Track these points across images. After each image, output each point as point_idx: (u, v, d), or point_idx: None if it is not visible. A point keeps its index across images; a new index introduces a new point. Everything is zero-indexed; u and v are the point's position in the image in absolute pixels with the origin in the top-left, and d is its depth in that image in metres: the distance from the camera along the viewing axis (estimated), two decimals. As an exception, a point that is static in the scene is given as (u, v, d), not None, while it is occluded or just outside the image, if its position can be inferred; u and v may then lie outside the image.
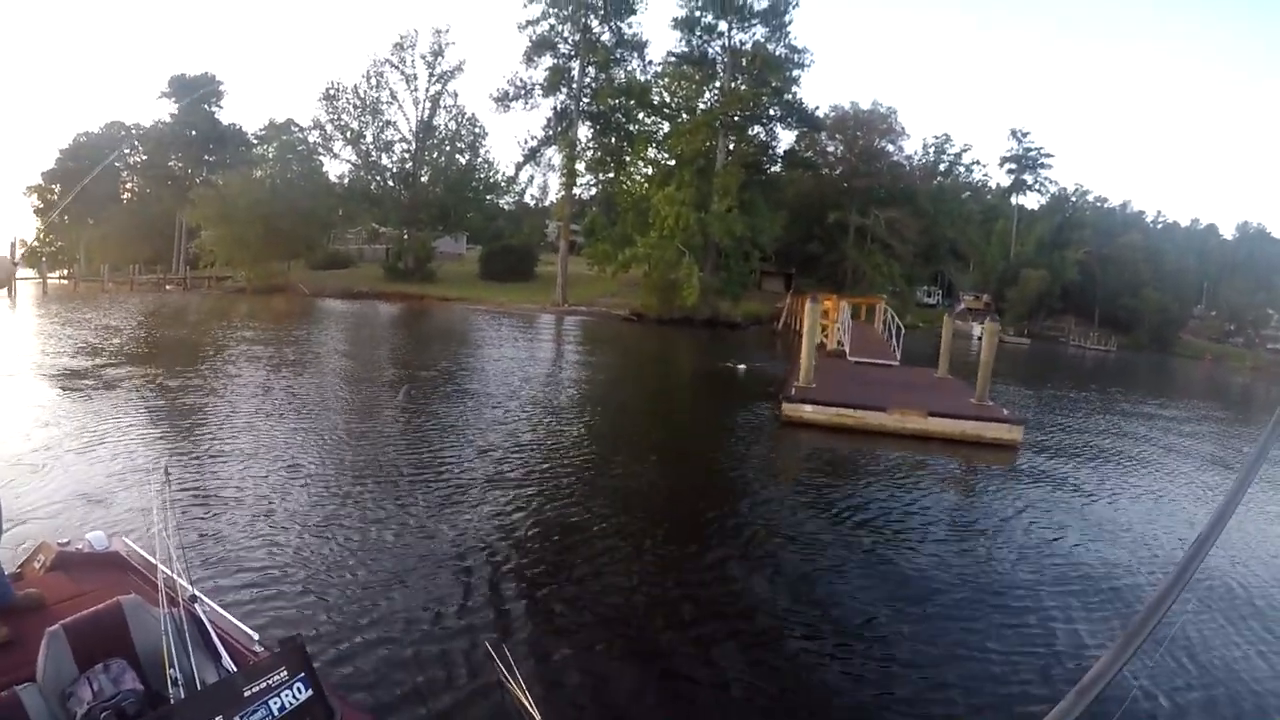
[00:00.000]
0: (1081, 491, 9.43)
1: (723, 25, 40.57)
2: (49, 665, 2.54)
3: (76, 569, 3.58)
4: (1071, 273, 55.47)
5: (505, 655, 2.47)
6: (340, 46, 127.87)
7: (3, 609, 3.06)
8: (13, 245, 41.16)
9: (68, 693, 2.51)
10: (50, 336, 21.33)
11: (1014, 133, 66.18)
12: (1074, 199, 69.66)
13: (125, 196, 50.75)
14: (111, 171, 49.80)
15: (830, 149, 48.31)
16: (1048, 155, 68.02)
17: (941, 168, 57.44)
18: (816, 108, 43.83)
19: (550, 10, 41.80)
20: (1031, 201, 67.53)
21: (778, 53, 40.31)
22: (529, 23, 42.34)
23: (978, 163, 69.98)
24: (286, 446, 9.58)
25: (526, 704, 2.18)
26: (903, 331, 22.25)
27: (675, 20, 40.97)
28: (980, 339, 41.61)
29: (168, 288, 43.43)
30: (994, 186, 66.21)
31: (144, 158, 49.72)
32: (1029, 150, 65.73)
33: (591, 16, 41.73)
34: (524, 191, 47.30)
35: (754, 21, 40.32)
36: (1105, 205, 72.53)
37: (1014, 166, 65.84)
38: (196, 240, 42.64)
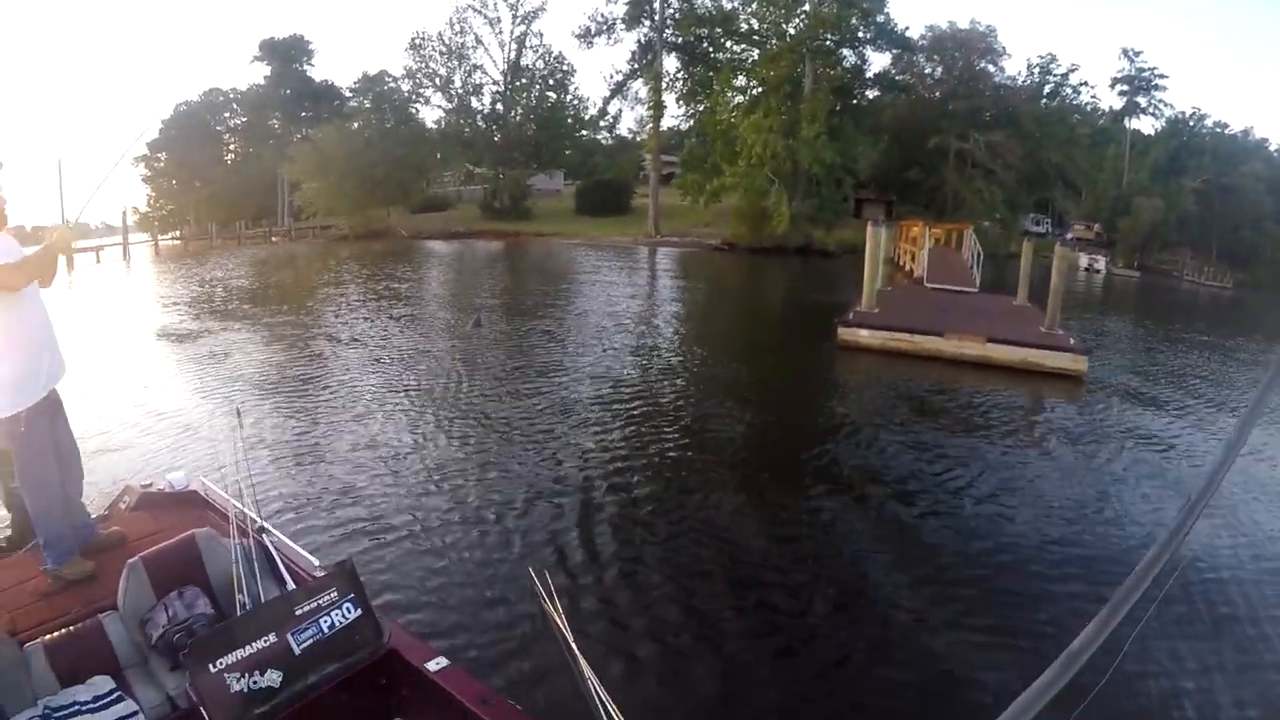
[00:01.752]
0: (1140, 434, 8.53)
1: None
2: (128, 594, 2.75)
3: (157, 507, 3.79)
4: (1187, 203, 51.19)
5: (548, 583, 2.50)
6: None
7: (89, 547, 3.30)
8: (124, 213, 44.00)
9: (145, 618, 2.70)
10: (156, 292, 22.72)
11: (1125, 52, 60.96)
12: (1191, 124, 63.92)
13: (229, 158, 53.25)
14: (214, 135, 52.33)
15: (928, 71, 45.78)
16: (1162, 76, 62.26)
17: (1046, 89, 53.57)
18: (907, 28, 41.56)
19: (627, -58, 40.83)
20: (1145, 126, 62.35)
21: None
22: (606, -44, 41.58)
23: (1085, 84, 65.11)
24: (365, 383, 9.73)
25: (564, 631, 2.10)
26: (981, 258, 21.53)
27: None
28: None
29: (274, 240, 45.54)
30: (1105, 110, 61.50)
31: (244, 119, 51.85)
32: (1142, 71, 60.32)
33: (670, -54, 40.49)
34: (613, 126, 47.47)
35: None
36: (1225, 131, 66.20)
37: (1126, 88, 60.68)
38: (298, 193, 44.53)
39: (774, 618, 4.44)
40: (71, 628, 2.72)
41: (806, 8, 39.07)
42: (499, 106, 45.11)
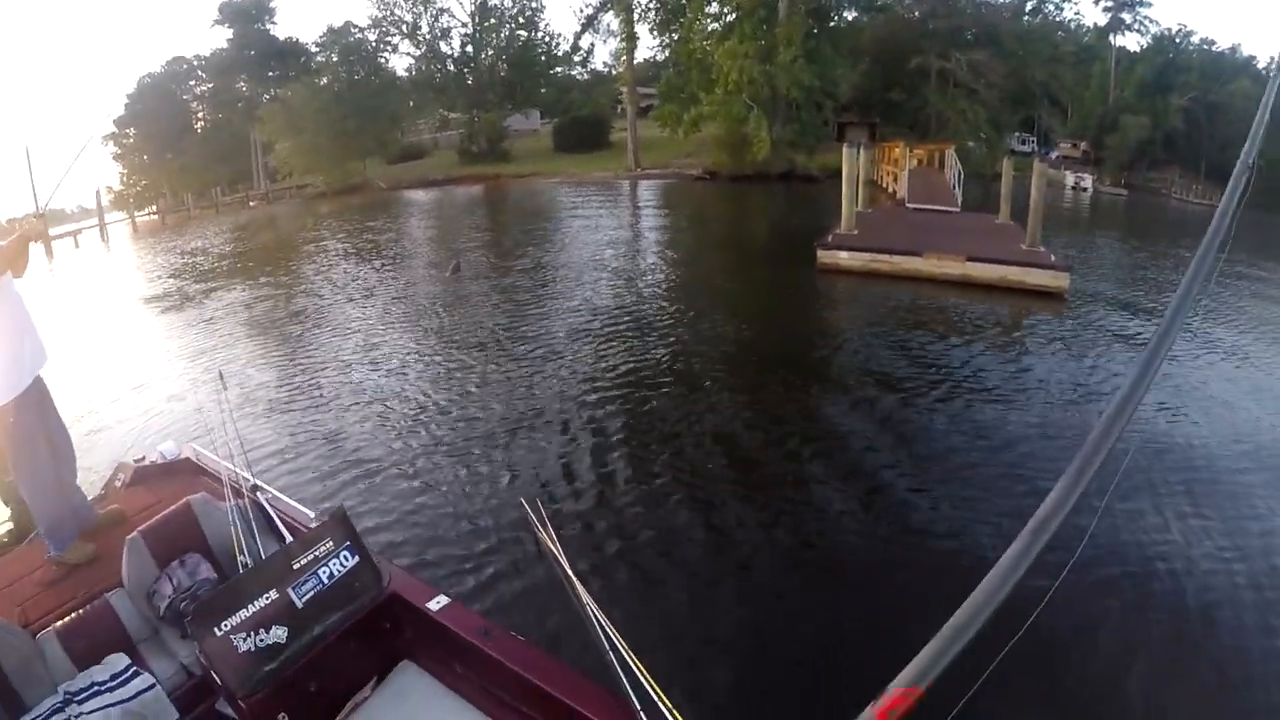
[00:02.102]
0: (1119, 337, 8.71)
1: None
2: (131, 569, 2.77)
3: (152, 479, 3.82)
4: (1175, 120, 50.71)
5: (540, 511, 2.37)
6: None
7: (89, 529, 3.32)
8: (98, 193, 43.25)
9: (151, 590, 2.73)
10: (136, 268, 22.62)
11: (1110, -33, 59.71)
12: (1178, 40, 62.83)
13: (199, 126, 52.09)
14: (181, 105, 51.19)
15: (906, -11, 44.82)
16: (1148, -8, 61.24)
17: (1029, 6, 52.50)
18: None
19: None
20: (1131, 43, 61.31)
21: None
22: (566, -120, 40.41)
23: (1069, 1, 64.08)
24: (347, 336, 9.68)
25: (559, 557, 2.07)
26: (962, 177, 21.41)
27: None
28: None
29: (251, 204, 45.00)
30: (1090, 27, 60.39)
31: (209, 86, 50.69)
32: (1127, -14, 59.30)
33: None
34: (586, 61, 46.84)
35: None
36: (1212, 48, 65.21)
37: (1110, 4, 59.42)
38: (272, 154, 43.74)
39: (769, 520, 4.45)
40: (81, 611, 2.76)
41: None
42: (469, 49, 44.24)
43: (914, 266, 11.41)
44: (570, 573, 2.12)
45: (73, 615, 2.73)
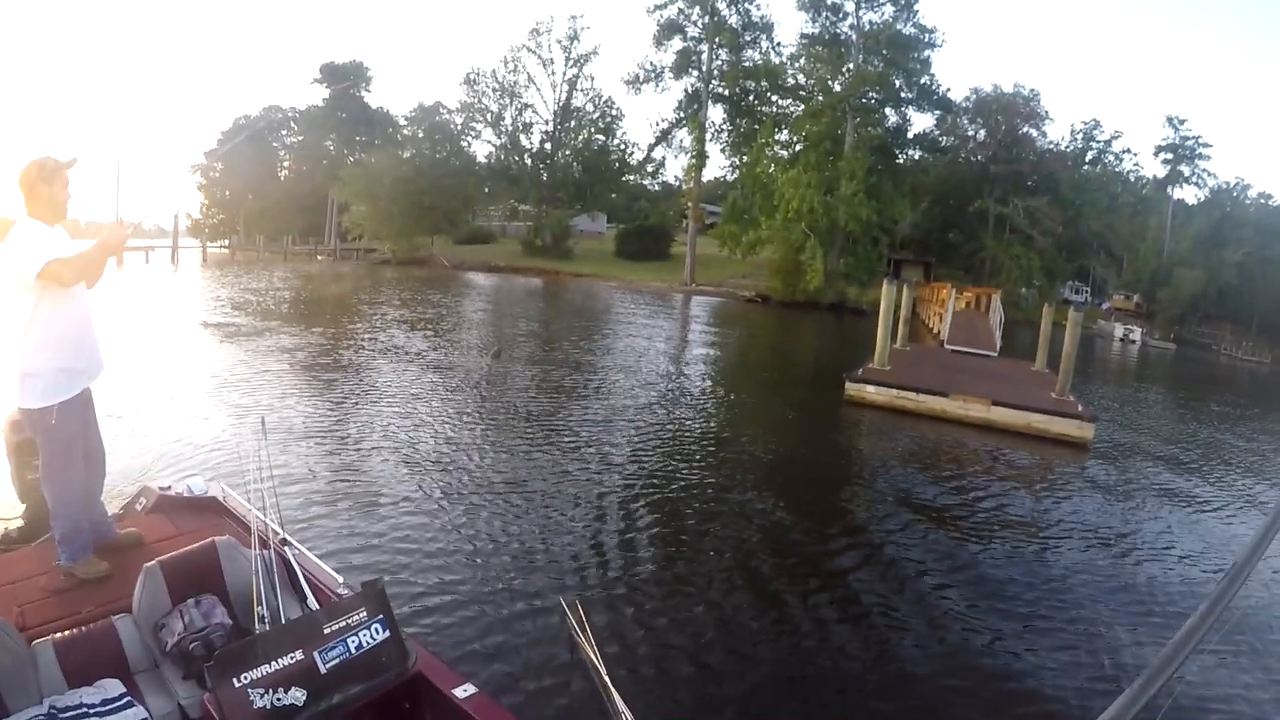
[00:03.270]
0: (1145, 504, 8.39)
1: (849, 4, 39.47)
2: (144, 598, 2.71)
3: (175, 511, 3.77)
4: (1230, 275, 50.37)
5: (580, 613, 2.45)
6: (482, 33, 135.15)
7: (104, 546, 3.27)
8: (176, 217, 45.55)
9: (160, 624, 2.66)
10: (199, 295, 23.50)
11: (1170, 120, 60.63)
12: (1235, 194, 63.19)
13: (283, 174, 55.00)
14: (270, 151, 54.13)
15: (971, 133, 46.07)
16: (1206, 145, 61.65)
17: (1089, 156, 53.57)
18: (948, 89, 42.19)
19: (677, -7, 42.03)
20: (1189, 196, 61.77)
21: (906, 32, 38.91)
22: (657, 6, 42.91)
23: (1129, 151, 64.83)
24: (391, 403, 9.79)
25: (597, 663, 2.05)
26: (1003, 322, 21.65)
27: (801, 1, 40.02)
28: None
29: (319, 258, 46.94)
30: (1148, 178, 61.11)
31: (299, 138, 53.67)
32: (1186, 139, 59.94)
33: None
34: (657, 172, 48.11)
35: (883, 1, 39.00)
36: (1269, 203, 65.47)
37: (1169, 157, 60.19)
38: (346, 215, 45.84)
39: (809, 656, 4.42)
40: (83, 628, 2.68)
41: (851, 66, 39.76)
42: (547, 146, 46.23)
43: (939, 406, 11.47)
44: (605, 675, 2.09)
45: (74, 630, 2.66)
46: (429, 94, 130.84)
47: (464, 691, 2.36)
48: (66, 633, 2.62)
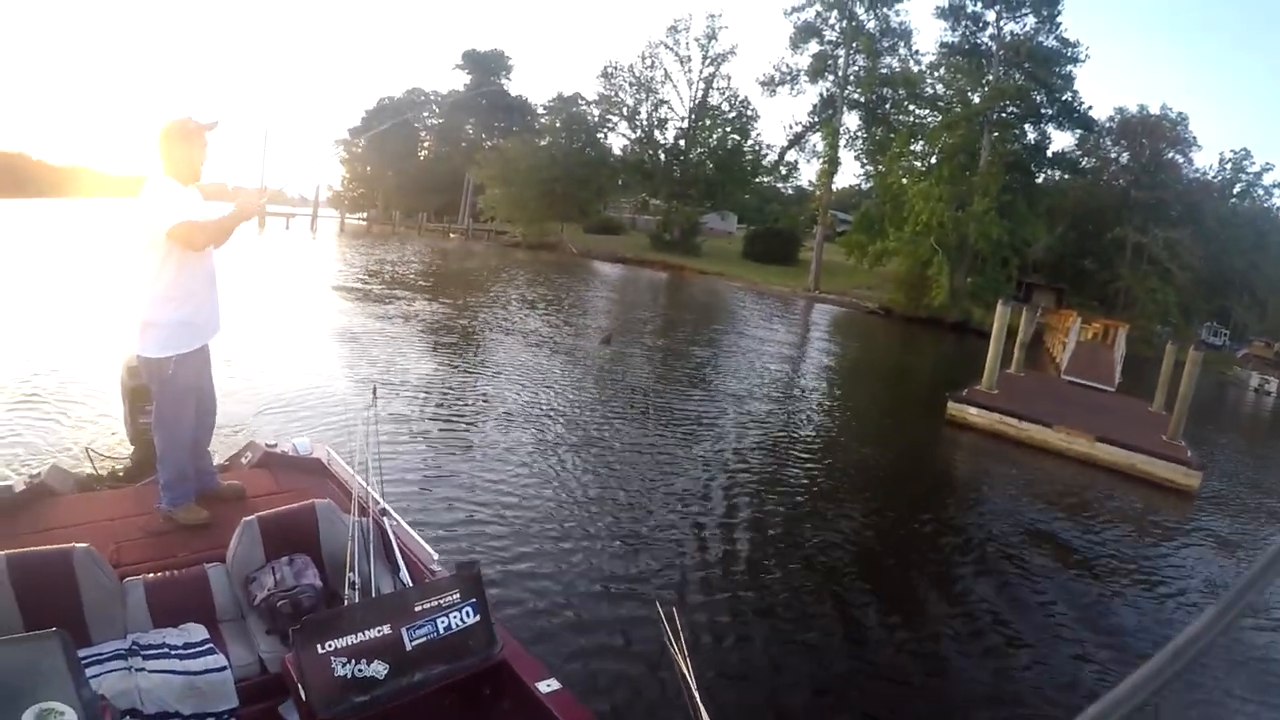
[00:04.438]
0: (1247, 555, 7.98)
1: (990, 14, 38.29)
2: (239, 549, 2.76)
3: (279, 469, 3.86)
4: (1383, 328, 46.84)
5: (675, 622, 2.41)
6: (621, 26, 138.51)
7: (206, 494, 3.37)
8: (317, 188, 49.03)
9: (251, 577, 2.72)
10: (335, 261, 24.90)
11: (1335, 155, 56.21)
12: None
13: (422, 154, 58.31)
14: (411, 131, 57.48)
15: (1113, 156, 44.25)
16: (1370, 187, 57.24)
17: (1236, 188, 50.60)
18: (1090, 107, 40.00)
19: (815, -4, 41.70)
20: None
21: (1048, 45, 37.65)
22: (794, 9, 42.76)
23: (1281, 186, 60.62)
24: (502, 382, 9.89)
25: (687, 673, 2.05)
26: (1124, 358, 20.86)
27: (939, 9, 39.15)
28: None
29: (451, 236, 49.85)
30: (1305, 216, 56.93)
31: (440, 121, 56.85)
32: (1348, 179, 55.71)
33: (857, 3, 41.39)
34: (788, 176, 48.05)
35: (1025, 10, 37.69)
36: None
37: (1326, 190, 56.11)
38: (481, 196, 48.38)
39: (907, 686, 4.37)
40: (175, 571, 2.74)
41: (991, 77, 38.58)
42: (681, 142, 47.07)
43: (1041, 436, 11.25)
44: (695, 691, 2.00)
45: (166, 573, 2.71)
46: (567, 84, 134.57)
47: (547, 685, 2.34)
48: (158, 574, 2.69)
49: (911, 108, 41.66)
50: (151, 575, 2.65)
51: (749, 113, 46.55)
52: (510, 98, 54.81)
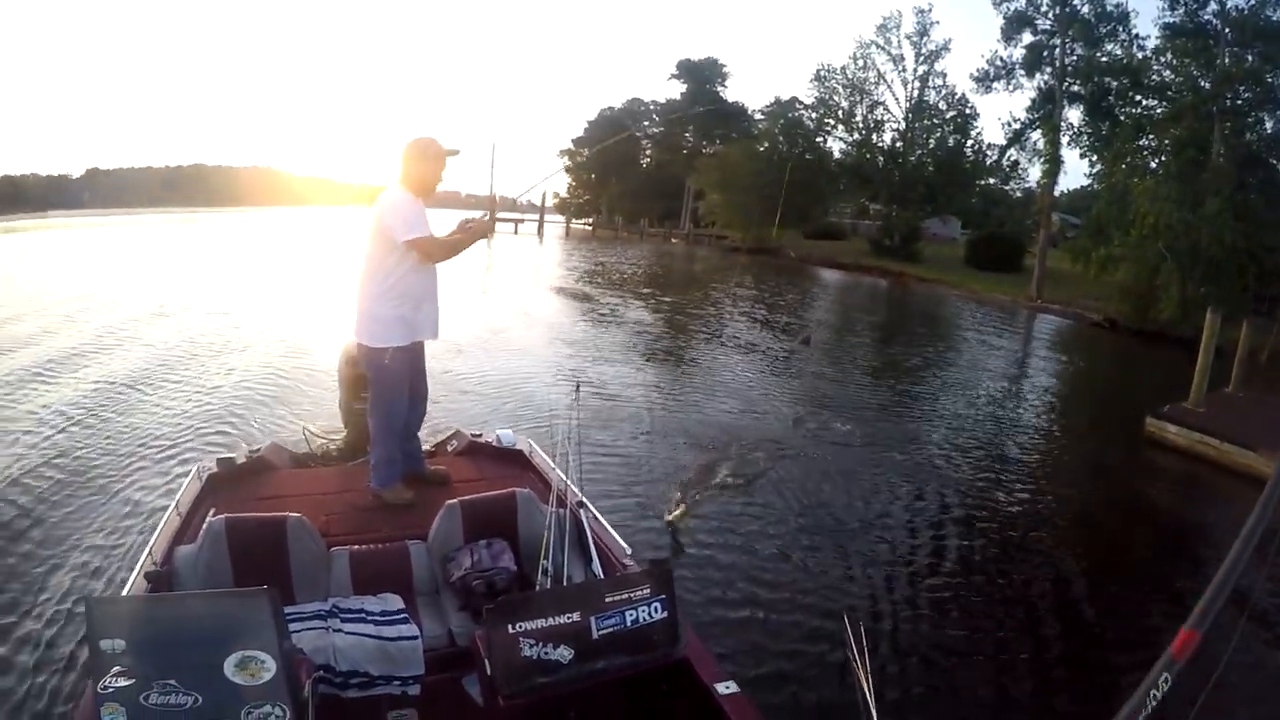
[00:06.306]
0: None
1: None
2: (440, 529, 2.99)
3: (483, 457, 4.07)
4: None
5: (860, 635, 2.28)
6: (833, 27, 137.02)
7: (413, 477, 3.63)
8: (544, 195, 54.68)
9: (449, 556, 2.94)
10: (556, 266, 27.03)
11: None
12: None
13: (644, 162, 63.65)
14: (633, 139, 62.04)
15: (1382, 148, 39.20)
16: None
17: None
18: None
19: (1024, -17, 39.45)
20: None
21: (1277, 19, 32.89)
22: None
23: None
24: (707, 381, 9.86)
25: (867, 691, 1.87)
26: None
27: None
28: None
29: (672, 240, 54.60)
30: None
31: (659, 130, 61.84)
32: None
33: (1068, -12, 38.54)
34: (1008, 177, 45.30)
35: None
36: None
37: None
38: (701, 202, 51.91)
39: None
40: (378, 544, 2.96)
41: (1223, 61, 34.46)
42: (899, 145, 45.76)
43: (1243, 460, 10.28)
44: (874, 712, 1.87)
45: (370, 545, 2.92)
46: (784, 88, 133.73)
47: (725, 688, 2.33)
48: (363, 546, 2.92)
49: (1138, 98, 38.91)
50: (356, 547, 2.88)
51: (968, 110, 44.38)
52: (727, 104, 57.55)
